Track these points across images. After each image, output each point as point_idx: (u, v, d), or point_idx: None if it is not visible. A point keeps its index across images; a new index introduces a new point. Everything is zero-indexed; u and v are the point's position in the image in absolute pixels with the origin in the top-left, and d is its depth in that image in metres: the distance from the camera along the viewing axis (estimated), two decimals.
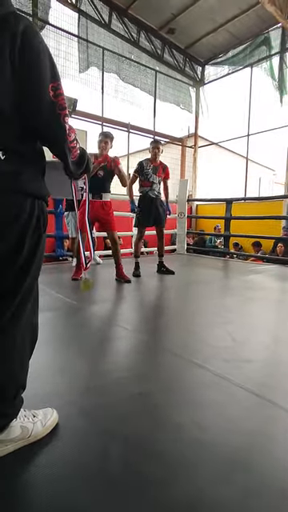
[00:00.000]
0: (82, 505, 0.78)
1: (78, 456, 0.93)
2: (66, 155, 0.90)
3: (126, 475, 0.87)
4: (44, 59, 0.82)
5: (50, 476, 0.85)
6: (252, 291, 3.17)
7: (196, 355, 1.62)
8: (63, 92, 0.86)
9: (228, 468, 0.90)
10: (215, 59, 8.32)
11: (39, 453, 0.93)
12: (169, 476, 0.87)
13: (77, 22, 6.36)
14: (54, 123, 0.85)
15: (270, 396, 1.26)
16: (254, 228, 6.36)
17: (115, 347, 1.81)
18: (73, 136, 0.90)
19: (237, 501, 0.80)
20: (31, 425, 0.95)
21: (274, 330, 2.13)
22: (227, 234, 5.59)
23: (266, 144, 9.00)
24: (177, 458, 0.94)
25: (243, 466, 0.91)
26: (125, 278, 3.40)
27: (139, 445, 0.98)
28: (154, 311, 2.61)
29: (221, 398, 1.25)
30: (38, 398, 1.16)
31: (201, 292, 3.15)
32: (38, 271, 0.94)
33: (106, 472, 0.88)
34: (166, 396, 1.26)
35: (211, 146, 9.52)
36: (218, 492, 0.82)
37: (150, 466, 0.90)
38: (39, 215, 0.88)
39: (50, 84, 0.83)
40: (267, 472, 0.89)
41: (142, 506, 0.78)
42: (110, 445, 0.98)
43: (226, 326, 2.07)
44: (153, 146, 3.68)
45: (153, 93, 7.84)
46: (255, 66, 7.56)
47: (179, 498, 0.80)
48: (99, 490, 0.82)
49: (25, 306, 0.89)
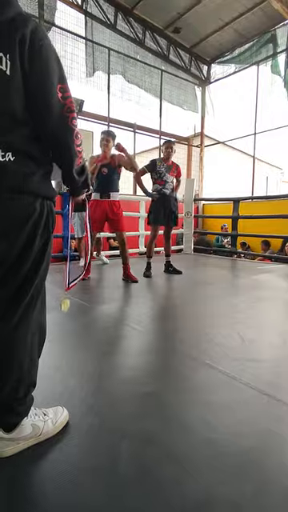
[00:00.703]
0: (92, 503, 0.78)
1: (89, 454, 0.94)
2: (71, 158, 0.90)
3: (136, 474, 0.87)
4: (52, 62, 0.83)
5: (61, 474, 0.86)
6: (261, 291, 3.14)
7: (205, 355, 1.62)
8: (71, 94, 0.87)
9: (239, 467, 0.90)
10: (221, 58, 8.27)
11: (50, 451, 0.94)
12: (180, 475, 0.87)
13: (83, 24, 6.39)
14: (63, 125, 0.85)
15: (280, 395, 1.25)
16: (262, 227, 6.30)
17: (124, 347, 1.82)
18: (80, 140, 0.90)
19: (248, 500, 0.79)
20: (42, 423, 0.96)
21: (283, 330, 2.11)
22: (234, 233, 5.56)
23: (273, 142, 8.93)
24: (187, 456, 0.94)
25: (254, 465, 0.91)
26: (132, 278, 3.40)
27: (149, 444, 0.99)
28: (163, 311, 2.60)
29: (230, 397, 1.25)
30: (49, 396, 1.17)
31: (209, 292, 3.14)
32: (46, 271, 0.95)
33: (117, 471, 0.88)
34: (175, 395, 1.26)
35: (218, 145, 9.47)
36: (228, 491, 0.82)
37: (161, 465, 0.90)
38: (48, 216, 0.90)
39: (58, 86, 0.83)
40: (278, 471, 0.89)
41: (153, 504, 0.78)
42: (120, 444, 0.98)
43: (235, 326, 2.06)
44: (166, 146, 3.69)
45: (158, 94, 7.83)
46: (262, 64, 7.50)
47: (190, 496, 0.80)
48: (110, 489, 0.82)
49: (34, 305, 0.91)
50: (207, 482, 0.85)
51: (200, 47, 8.03)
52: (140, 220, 5.53)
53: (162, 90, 7.87)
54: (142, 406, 1.19)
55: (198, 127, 9.03)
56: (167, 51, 7.84)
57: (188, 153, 9.39)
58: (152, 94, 7.72)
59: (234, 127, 8.90)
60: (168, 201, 3.71)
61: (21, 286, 0.86)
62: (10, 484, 0.83)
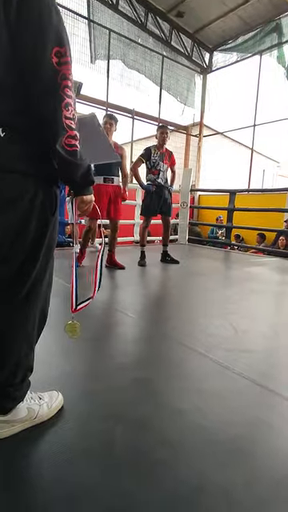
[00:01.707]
0: (87, 481, 0.79)
1: (83, 438, 0.95)
2: (57, 134, 0.75)
3: (130, 457, 0.89)
4: (48, 16, 0.70)
5: (56, 456, 0.87)
6: (253, 283, 3.17)
7: (198, 344, 1.64)
8: (70, 60, 0.74)
9: (230, 454, 0.92)
10: (224, 45, 8.11)
11: (45, 434, 0.95)
12: (173, 460, 0.89)
13: (85, 2, 6.17)
14: (51, 92, 0.72)
15: (271, 385, 1.27)
16: (257, 220, 6.33)
17: (118, 333, 1.83)
18: (71, 113, 0.75)
19: (237, 485, 0.82)
20: (37, 407, 0.96)
21: (274, 321, 2.15)
22: (229, 225, 5.57)
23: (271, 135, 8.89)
24: (180, 442, 0.95)
25: (244, 452, 0.93)
26: (119, 265, 3.42)
27: (143, 429, 1.00)
28: (157, 300, 2.62)
29: (222, 386, 1.27)
30: (44, 381, 1.17)
31: (203, 282, 3.16)
32: (49, 258, 0.89)
33: (111, 453, 0.90)
34: (168, 382, 1.28)
35: (216, 135, 9.38)
36: (220, 477, 0.84)
37: (154, 450, 0.92)
38: (44, 198, 0.82)
39: (53, 48, 0.70)
40: (268, 459, 0.91)
41: (146, 486, 0.80)
42: (114, 428, 0.99)
43: (228, 317, 2.08)
44: (161, 131, 3.61)
45: (157, 80, 7.67)
46: (265, 54, 7.38)
47: (183, 481, 0.82)
48: (104, 469, 0.84)
49: (37, 290, 0.87)
50: (199, 467, 0.87)
51: (203, 33, 7.86)
52: (136, 208, 5.49)
53: (162, 77, 7.72)
54: (136, 391, 1.20)
55: (198, 116, 8.92)
56: (169, 36, 7.65)
57: (186, 142, 9.29)
58: (152, 80, 7.57)
59: (233, 118, 8.81)
60: (162, 191, 3.69)
61: (17, 272, 0.82)
62: (6, 465, 0.83)
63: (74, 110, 0.77)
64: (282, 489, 0.81)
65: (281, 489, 0.81)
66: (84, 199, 0.89)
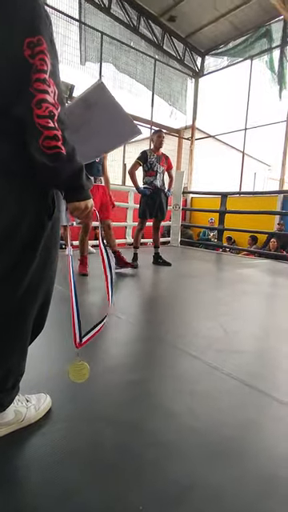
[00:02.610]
0: (77, 487, 0.79)
1: (72, 440, 0.94)
2: (31, 136, 0.67)
3: (120, 458, 0.88)
4: (19, 4, 0.64)
5: (44, 459, 0.86)
6: (245, 284, 3.20)
7: (189, 345, 1.64)
8: (46, 51, 0.66)
9: (219, 454, 0.92)
10: (215, 50, 8.21)
11: (32, 436, 0.93)
12: (162, 460, 0.88)
13: (76, 5, 6.19)
14: (22, 91, 0.65)
15: (261, 386, 1.28)
16: (248, 222, 6.40)
17: (109, 336, 1.82)
18: (47, 111, 0.66)
19: (227, 485, 0.82)
20: (24, 409, 0.95)
21: (265, 322, 2.16)
22: (220, 227, 5.61)
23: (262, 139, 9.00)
24: (170, 443, 0.95)
25: (233, 452, 0.93)
26: (129, 264, 3.46)
27: (133, 430, 1.00)
28: (149, 302, 2.61)
29: (213, 387, 1.27)
30: (32, 383, 1.16)
31: (195, 284, 3.17)
32: (46, 262, 0.82)
33: (101, 455, 0.89)
34: (160, 384, 1.28)
35: (208, 138, 9.46)
36: (209, 476, 0.84)
37: (146, 451, 0.91)
38: (37, 200, 0.76)
39: (26, 39, 0.64)
40: (256, 458, 0.91)
41: (136, 488, 0.79)
42: (105, 430, 0.99)
43: (219, 318, 2.09)
44: (158, 135, 3.67)
45: (149, 84, 7.70)
46: (255, 59, 7.49)
47: (174, 481, 0.82)
48: (93, 471, 0.83)
49: (32, 299, 0.83)
50: (191, 467, 0.86)
51: (195, 38, 7.95)
52: (128, 211, 5.49)
53: (154, 80, 7.76)
54: (127, 393, 1.20)
55: (190, 119, 8.99)
56: (161, 40, 7.71)
57: (178, 145, 9.35)
58: (143, 84, 7.60)
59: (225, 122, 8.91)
60: (158, 194, 3.71)
61: (10, 274, 0.77)
62: None
63: (53, 106, 0.67)
64: (271, 487, 0.82)
65: (270, 487, 0.82)
66: (76, 206, 0.80)
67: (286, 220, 6.44)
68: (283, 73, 6.97)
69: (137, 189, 3.69)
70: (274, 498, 0.79)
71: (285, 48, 6.90)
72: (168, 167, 3.81)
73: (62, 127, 0.69)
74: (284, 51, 6.92)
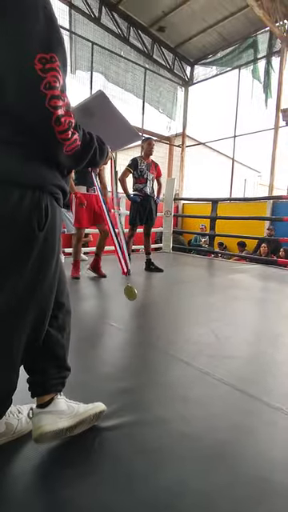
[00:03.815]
0: (67, 497, 0.78)
1: (64, 450, 0.93)
2: (53, 148, 0.72)
3: (110, 467, 0.88)
4: (34, 17, 0.63)
5: (34, 470, 0.85)
6: (236, 290, 3.23)
7: (181, 352, 1.64)
8: (57, 66, 0.67)
9: (210, 459, 0.92)
10: (204, 59, 8.38)
11: (24, 447, 0.93)
12: (154, 468, 0.88)
13: (67, 15, 6.27)
14: (38, 106, 0.66)
15: (252, 391, 1.29)
16: (239, 228, 6.48)
17: (101, 343, 1.82)
18: (66, 124, 0.70)
19: (219, 489, 0.82)
20: (16, 421, 0.94)
21: (255, 328, 2.19)
22: (212, 233, 5.67)
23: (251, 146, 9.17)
24: (161, 450, 0.95)
25: (225, 457, 0.94)
26: (101, 273, 3.46)
27: (124, 438, 0.99)
28: (141, 308, 2.62)
29: (204, 392, 1.28)
30: (23, 393, 1.15)
31: (187, 290, 3.19)
32: (39, 282, 0.78)
33: (90, 464, 0.88)
34: (151, 391, 1.28)
35: (199, 145, 9.60)
36: (201, 482, 0.84)
37: (135, 459, 0.91)
38: (29, 209, 0.72)
39: (37, 54, 0.64)
40: (247, 462, 0.92)
41: (127, 497, 0.79)
42: (95, 438, 0.98)
43: (211, 324, 2.10)
44: (148, 143, 3.71)
45: (139, 94, 7.80)
46: (243, 68, 7.67)
47: (163, 488, 0.82)
48: (84, 482, 0.82)
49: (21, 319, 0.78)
50: (180, 474, 0.87)
51: (184, 47, 8.11)
52: (119, 217, 5.50)
53: (145, 89, 7.87)
54: (117, 401, 1.20)
55: (180, 127, 9.12)
56: (151, 50, 7.85)
57: (169, 152, 9.45)
58: (133, 94, 7.69)
59: (214, 129, 9.06)
60: (148, 201, 3.74)
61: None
62: None
63: (69, 116, 0.71)
64: (261, 491, 0.82)
65: (259, 491, 0.82)
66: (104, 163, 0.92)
67: (275, 225, 6.54)
68: (269, 82, 7.15)
69: (127, 196, 3.73)
70: (266, 502, 0.80)
71: (270, 58, 7.09)
72: (157, 175, 3.86)
73: (76, 128, 0.75)
74: (270, 61, 7.11)
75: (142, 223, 3.85)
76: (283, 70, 6.84)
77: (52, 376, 0.92)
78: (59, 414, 0.91)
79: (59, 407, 0.92)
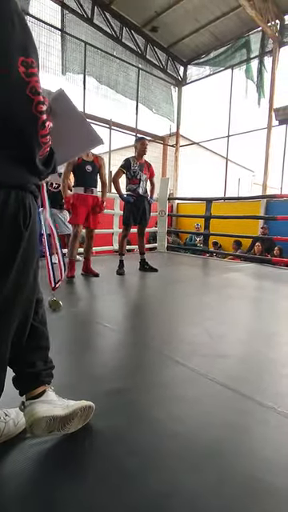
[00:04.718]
0: (58, 499, 0.77)
1: (53, 452, 0.92)
2: (32, 150, 0.73)
3: (101, 469, 0.86)
4: (14, 22, 0.64)
5: (23, 473, 0.83)
6: (230, 289, 3.23)
7: (175, 352, 1.63)
8: (37, 72, 0.68)
9: (202, 458, 0.92)
10: (197, 59, 8.40)
11: (12, 451, 0.91)
12: (146, 467, 0.87)
13: (59, 15, 6.24)
14: (24, 111, 0.67)
15: (244, 390, 1.28)
16: (233, 227, 6.49)
17: (95, 344, 1.80)
18: (47, 129, 0.72)
19: (210, 488, 0.81)
20: (3, 424, 0.92)
21: (250, 327, 2.18)
22: (206, 232, 5.67)
23: (245, 145, 9.21)
24: (153, 449, 0.94)
25: (217, 456, 0.93)
26: (93, 273, 3.50)
27: (116, 439, 0.98)
28: (136, 309, 2.60)
29: (197, 392, 1.27)
30: (10, 396, 1.13)
31: (181, 290, 3.18)
32: (22, 284, 0.79)
33: (81, 466, 0.87)
34: (144, 392, 1.27)
35: (193, 145, 9.61)
36: (192, 481, 0.83)
37: (127, 458, 0.90)
38: (15, 209, 0.73)
39: (19, 57, 0.65)
40: (239, 461, 0.91)
41: (119, 496, 0.78)
42: (85, 440, 0.97)
43: (205, 323, 2.10)
44: (141, 142, 3.69)
45: (132, 96, 7.79)
46: (236, 68, 7.70)
47: (156, 488, 0.81)
48: (74, 485, 0.81)
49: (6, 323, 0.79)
50: (171, 473, 0.86)
51: (177, 47, 8.12)
52: (114, 217, 5.49)
53: (138, 89, 7.86)
54: (109, 402, 1.18)
55: (174, 127, 9.13)
56: (144, 50, 7.85)
57: (163, 152, 9.46)
58: (125, 96, 7.68)
59: (208, 129, 9.09)
60: (141, 201, 3.73)
61: None
62: None
63: (49, 123, 0.73)
64: (252, 491, 0.81)
65: (251, 491, 0.81)
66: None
67: (269, 224, 6.57)
68: (261, 82, 7.18)
69: (120, 196, 3.72)
70: (258, 502, 0.79)
71: (263, 58, 7.12)
72: (150, 175, 3.84)
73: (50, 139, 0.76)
74: (262, 61, 7.14)
75: (136, 223, 3.83)
76: (275, 70, 6.89)
77: (41, 368, 0.95)
78: (53, 403, 0.93)
79: (52, 398, 0.95)
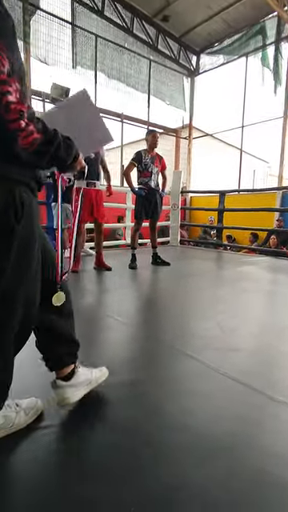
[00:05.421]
0: (68, 489, 0.78)
1: (63, 443, 0.94)
2: (7, 140, 0.69)
3: (111, 460, 0.87)
4: None
5: (34, 463, 0.85)
6: (244, 282, 3.18)
7: (186, 345, 1.63)
8: (2, 52, 0.65)
9: (213, 452, 0.91)
10: (210, 48, 8.20)
11: (23, 441, 0.93)
12: (156, 460, 0.88)
13: (69, 8, 6.21)
14: None
15: (255, 384, 1.27)
16: (248, 220, 6.37)
17: (107, 338, 1.81)
18: (17, 113, 0.67)
19: (219, 482, 0.81)
20: (14, 414, 0.94)
21: (262, 320, 2.15)
22: (220, 225, 5.59)
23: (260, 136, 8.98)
24: (164, 442, 0.94)
25: (227, 449, 0.92)
26: (106, 266, 3.49)
27: (127, 431, 0.99)
28: (148, 303, 2.61)
29: (208, 386, 1.26)
30: (24, 387, 1.15)
31: (194, 283, 3.16)
32: (23, 274, 0.79)
33: (91, 457, 0.88)
34: (156, 385, 1.27)
35: (206, 137, 9.45)
36: (202, 474, 0.83)
37: (138, 451, 0.90)
38: (2, 201, 0.72)
39: None
40: (249, 455, 0.91)
41: (129, 488, 0.78)
42: (96, 432, 0.98)
43: (217, 316, 2.08)
44: (152, 135, 3.65)
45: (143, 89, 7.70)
46: (250, 56, 7.48)
47: (166, 480, 0.81)
48: (84, 476, 0.82)
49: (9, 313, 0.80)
50: (183, 468, 0.86)
51: (189, 37, 7.95)
52: (126, 212, 5.49)
53: (150, 81, 7.77)
54: (121, 394, 1.19)
55: (187, 119, 8.98)
56: (156, 40, 7.72)
57: (176, 144, 9.34)
58: (136, 89, 7.59)
59: (222, 120, 8.90)
60: (153, 195, 3.70)
61: None
62: None
63: (20, 104, 0.68)
64: (262, 485, 0.81)
65: (261, 485, 0.80)
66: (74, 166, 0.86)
67: (285, 216, 6.41)
68: (278, 69, 6.95)
69: (132, 190, 3.69)
70: (267, 496, 0.78)
71: (279, 44, 6.88)
72: (162, 168, 3.79)
73: (32, 119, 0.70)
74: (278, 48, 6.90)
75: (148, 217, 3.81)
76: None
77: (64, 351, 1.05)
78: (79, 385, 1.07)
79: (79, 380, 1.07)
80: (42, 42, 5.88)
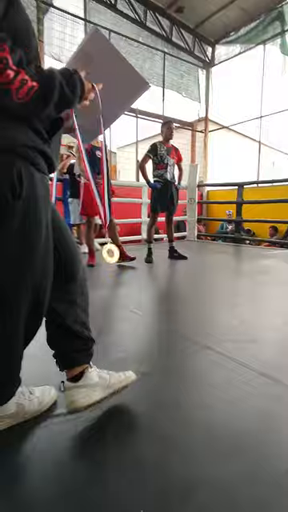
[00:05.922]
0: (77, 483, 0.75)
1: (76, 433, 0.91)
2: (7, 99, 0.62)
3: (128, 455, 0.84)
4: None
5: (45, 453, 0.83)
6: (263, 275, 3.08)
7: (204, 337, 1.57)
8: None
9: (233, 447, 0.86)
10: (226, 38, 8.00)
11: (36, 429, 0.91)
12: (169, 455, 0.83)
13: (82, 4, 6.21)
14: None
15: (277, 376, 1.20)
16: (269, 213, 6.17)
17: (122, 329, 1.78)
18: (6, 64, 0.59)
19: (239, 481, 0.76)
20: (27, 402, 0.92)
21: (281, 312, 2.06)
22: (239, 219, 5.45)
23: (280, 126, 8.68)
24: (181, 438, 0.90)
25: (247, 445, 0.87)
26: (129, 257, 3.44)
27: (139, 424, 0.96)
28: (164, 295, 2.56)
29: (226, 378, 1.21)
30: (38, 375, 1.14)
31: (212, 276, 3.08)
32: (27, 258, 0.74)
33: (102, 451, 0.85)
34: (172, 377, 1.23)
35: (223, 130, 9.25)
36: (220, 471, 0.78)
37: (150, 446, 0.87)
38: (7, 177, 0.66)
39: None
40: (271, 451, 0.85)
41: (140, 485, 0.75)
42: (110, 423, 0.95)
43: (235, 309, 2.01)
44: (167, 126, 3.58)
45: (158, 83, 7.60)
46: (268, 43, 7.23)
47: (178, 477, 0.77)
48: (95, 469, 0.79)
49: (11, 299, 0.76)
50: (198, 463, 0.81)
51: (204, 27, 7.78)
52: (142, 206, 5.45)
53: (164, 74, 7.67)
54: (135, 385, 1.15)
55: (202, 112, 8.82)
56: (170, 33, 7.60)
57: (192, 138, 9.19)
58: (152, 83, 7.51)
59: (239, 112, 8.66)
60: (169, 187, 3.64)
61: None
62: None
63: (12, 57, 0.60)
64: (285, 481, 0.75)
65: (284, 481, 0.75)
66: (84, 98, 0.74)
67: None
68: None
69: (147, 183, 3.64)
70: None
71: None
72: (178, 159, 3.72)
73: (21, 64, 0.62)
74: None
75: (164, 210, 3.75)
76: None
77: (77, 348, 0.94)
78: (92, 386, 0.94)
79: (92, 380, 0.94)
80: (56, 39, 5.90)
